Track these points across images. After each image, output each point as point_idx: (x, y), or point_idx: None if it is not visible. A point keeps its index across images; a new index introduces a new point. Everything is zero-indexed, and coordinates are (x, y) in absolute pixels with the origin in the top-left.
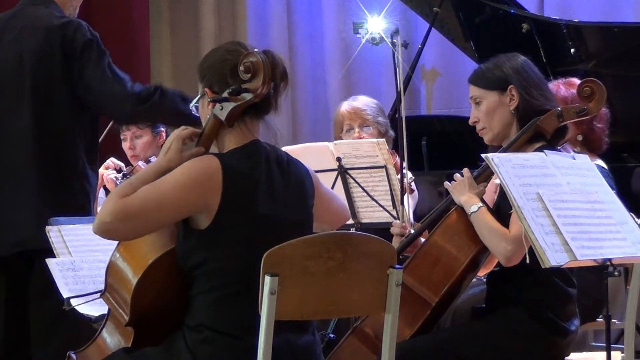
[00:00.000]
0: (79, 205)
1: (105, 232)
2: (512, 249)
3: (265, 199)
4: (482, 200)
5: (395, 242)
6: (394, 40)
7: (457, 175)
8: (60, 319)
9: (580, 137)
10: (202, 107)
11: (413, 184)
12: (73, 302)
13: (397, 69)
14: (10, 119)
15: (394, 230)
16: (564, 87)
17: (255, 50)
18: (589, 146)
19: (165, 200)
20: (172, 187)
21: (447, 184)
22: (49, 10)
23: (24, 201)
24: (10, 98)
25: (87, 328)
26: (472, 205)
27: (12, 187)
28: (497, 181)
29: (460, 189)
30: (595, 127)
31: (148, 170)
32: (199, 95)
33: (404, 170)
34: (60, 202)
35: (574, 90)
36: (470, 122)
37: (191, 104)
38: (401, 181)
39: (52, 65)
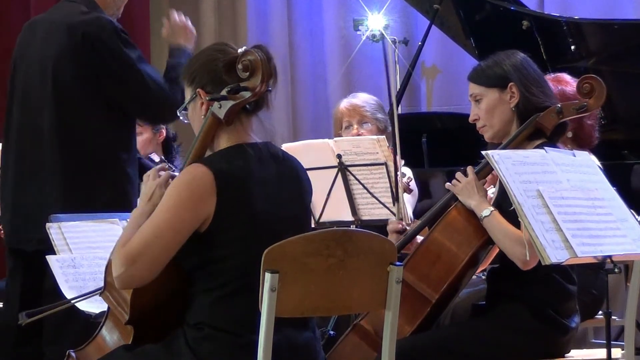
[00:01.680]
0: (101, 202)
1: (124, 282)
2: (530, 253)
3: (260, 196)
4: None
5: (391, 239)
6: (393, 38)
7: (459, 175)
8: (70, 319)
9: (570, 134)
10: (193, 110)
11: (412, 182)
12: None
13: (390, 70)
14: (35, 118)
15: (389, 227)
16: (552, 84)
17: (245, 48)
18: (579, 142)
19: (161, 228)
20: (164, 214)
21: (449, 185)
22: (79, 6)
23: (46, 200)
24: (36, 96)
25: (92, 328)
26: (484, 209)
27: (36, 186)
28: (490, 192)
29: (468, 191)
30: (585, 124)
31: (136, 218)
32: (188, 99)
33: (399, 171)
34: (82, 200)
35: (563, 87)
36: (471, 119)
37: (179, 110)
38: (395, 179)
39: (72, 64)
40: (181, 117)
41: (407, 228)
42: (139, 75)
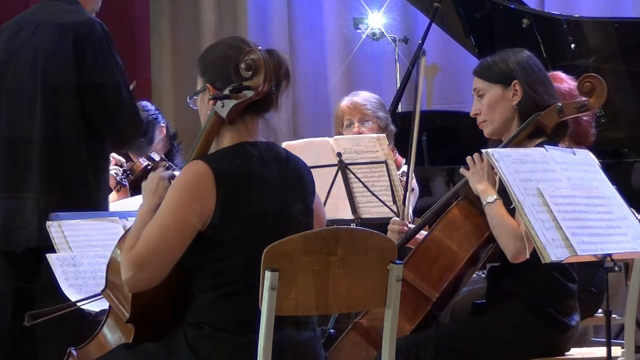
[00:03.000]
0: (80, 202)
1: (134, 287)
2: (521, 246)
3: (261, 196)
4: None
5: (391, 239)
6: (393, 36)
7: (476, 157)
8: (66, 317)
9: None
10: (201, 101)
11: (413, 181)
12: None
13: (397, 66)
14: (24, 118)
15: (393, 227)
16: None
17: (259, 47)
18: (576, 139)
19: (167, 230)
20: (168, 216)
21: (463, 170)
22: (65, 5)
23: (30, 200)
24: (27, 96)
25: (93, 325)
26: (489, 195)
27: (21, 186)
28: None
29: (479, 176)
30: (581, 120)
31: (142, 215)
32: (198, 89)
33: (407, 170)
34: (62, 200)
35: (557, 84)
36: (472, 113)
37: (189, 97)
38: (406, 183)
39: (62, 64)
40: (190, 104)
41: (411, 227)
42: (115, 83)
